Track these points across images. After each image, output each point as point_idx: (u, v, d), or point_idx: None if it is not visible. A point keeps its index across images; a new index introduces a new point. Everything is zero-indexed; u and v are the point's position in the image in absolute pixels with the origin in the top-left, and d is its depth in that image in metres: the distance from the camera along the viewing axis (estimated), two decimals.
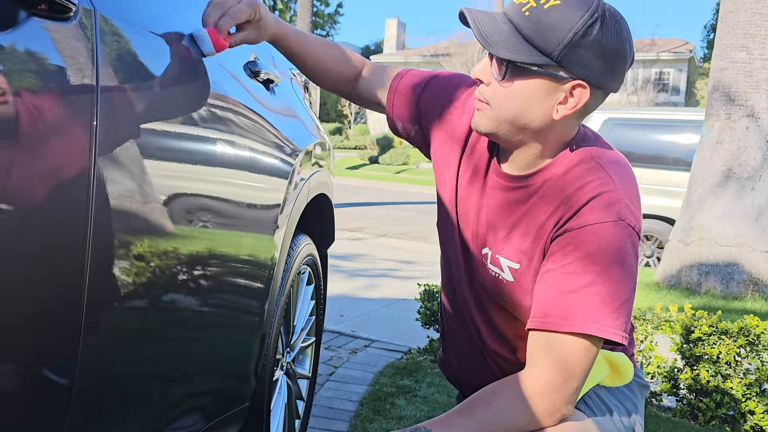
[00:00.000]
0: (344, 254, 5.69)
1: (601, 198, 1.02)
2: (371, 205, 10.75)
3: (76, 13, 0.72)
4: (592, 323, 0.99)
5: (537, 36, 0.97)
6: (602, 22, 0.96)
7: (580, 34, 0.96)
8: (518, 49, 0.97)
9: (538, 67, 0.98)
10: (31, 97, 0.66)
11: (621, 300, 1.01)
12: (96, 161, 0.76)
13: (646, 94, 25.65)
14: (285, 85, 1.75)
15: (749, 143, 4.88)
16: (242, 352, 1.36)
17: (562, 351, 1.02)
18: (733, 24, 4.91)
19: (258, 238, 1.36)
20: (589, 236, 1.01)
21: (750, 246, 4.86)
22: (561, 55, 0.96)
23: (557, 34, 0.96)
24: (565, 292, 1.01)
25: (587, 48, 0.96)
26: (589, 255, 1.00)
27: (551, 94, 1.00)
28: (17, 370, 0.71)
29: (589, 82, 0.99)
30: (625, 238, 1.01)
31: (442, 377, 2.63)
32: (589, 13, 0.96)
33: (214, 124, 1.13)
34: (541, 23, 0.96)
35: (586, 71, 0.98)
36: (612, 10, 0.99)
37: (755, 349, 2.32)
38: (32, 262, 0.69)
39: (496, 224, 1.13)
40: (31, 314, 0.70)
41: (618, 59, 0.99)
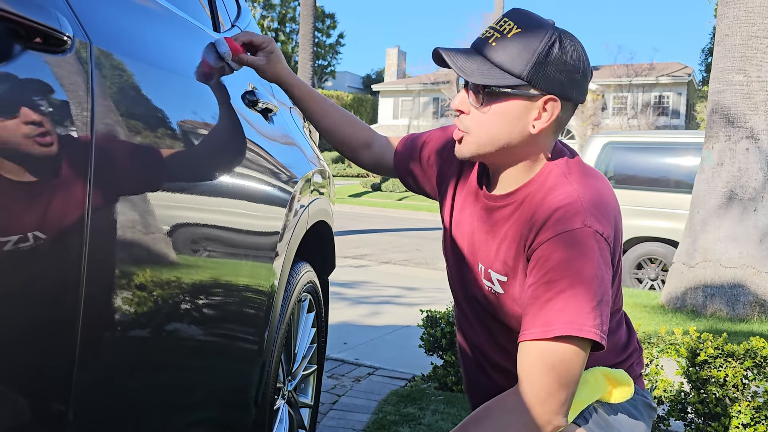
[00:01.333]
0: (347, 281, 5.68)
1: (565, 209, 1.09)
2: (374, 232, 10.75)
3: (71, 46, 0.73)
4: (572, 325, 1.04)
5: (506, 61, 1.08)
6: (560, 42, 1.09)
7: (544, 54, 1.08)
8: (492, 75, 1.09)
9: (511, 88, 1.09)
10: (26, 129, 0.66)
11: (596, 300, 1.06)
12: (92, 192, 0.77)
13: (646, 117, 25.77)
14: (284, 114, 1.77)
15: (750, 164, 4.88)
16: (242, 381, 1.35)
17: (549, 359, 1.06)
18: (730, 47, 4.95)
19: (257, 266, 1.36)
20: (558, 245, 1.08)
21: (755, 267, 4.83)
22: (530, 74, 1.08)
23: (524, 56, 1.08)
24: (544, 301, 1.07)
25: (551, 65, 1.08)
26: (561, 262, 1.07)
27: (526, 112, 1.11)
28: (13, 398, 0.70)
29: (557, 95, 1.10)
30: (591, 243, 1.08)
31: (446, 405, 2.60)
32: (547, 35, 1.09)
33: (212, 154, 1.14)
34: (507, 50, 1.09)
35: (553, 86, 1.09)
36: (566, 32, 1.12)
37: (762, 372, 2.29)
38: (27, 295, 0.69)
39: (487, 241, 1.21)
40: (27, 341, 0.70)
41: (578, 72, 1.11)
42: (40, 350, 0.73)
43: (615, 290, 1.22)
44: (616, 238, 1.14)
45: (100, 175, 0.79)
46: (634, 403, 1.27)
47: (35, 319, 0.71)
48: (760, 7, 4.85)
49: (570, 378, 1.07)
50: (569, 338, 1.05)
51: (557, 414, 1.07)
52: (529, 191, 1.15)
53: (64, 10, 0.74)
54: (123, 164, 0.85)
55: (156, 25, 1.07)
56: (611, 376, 1.22)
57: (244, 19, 1.74)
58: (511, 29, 1.09)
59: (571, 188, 1.12)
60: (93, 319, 0.80)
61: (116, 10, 0.91)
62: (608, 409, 1.21)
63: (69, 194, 0.74)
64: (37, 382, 0.74)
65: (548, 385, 1.06)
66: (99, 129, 0.78)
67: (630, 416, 1.23)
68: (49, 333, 0.74)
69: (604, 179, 1.19)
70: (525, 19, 1.10)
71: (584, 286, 1.05)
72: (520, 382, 1.09)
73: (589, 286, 1.06)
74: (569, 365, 1.06)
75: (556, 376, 1.06)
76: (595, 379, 1.21)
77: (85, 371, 0.80)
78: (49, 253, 0.72)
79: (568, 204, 1.10)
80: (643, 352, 1.40)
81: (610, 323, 1.27)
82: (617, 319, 1.31)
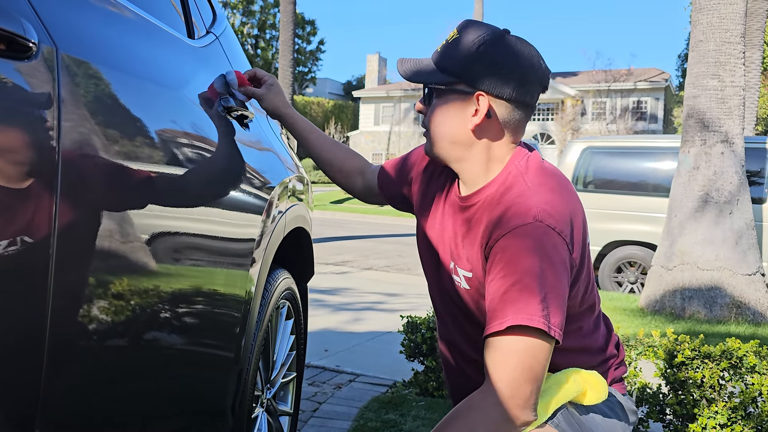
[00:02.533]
0: (329, 288, 5.66)
1: (517, 206, 1.15)
2: (355, 238, 10.73)
3: (36, 52, 0.72)
4: (522, 314, 1.07)
5: (443, 61, 1.21)
6: (494, 43, 1.17)
7: (473, 52, 1.17)
8: (429, 74, 1.22)
9: (445, 85, 1.21)
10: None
11: (544, 292, 1.09)
12: (59, 199, 0.76)
13: (624, 122, 26.05)
14: (260, 121, 1.76)
15: (725, 168, 4.96)
16: (218, 389, 1.34)
17: (507, 352, 1.09)
18: (704, 53, 5.03)
19: (233, 273, 1.35)
20: (510, 241, 1.12)
21: (731, 269, 4.90)
22: (460, 71, 1.18)
23: (456, 55, 1.19)
24: (500, 296, 1.11)
25: (480, 63, 1.17)
26: (513, 256, 1.11)
27: (463, 109, 1.20)
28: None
29: (488, 92, 1.18)
30: (542, 237, 1.11)
31: (427, 410, 2.60)
32: (480, 36, 1.18)
33: (186, 161, 1.13)
34: (446, 51, 1.21)
35: (483, 83, 1.17)
36: (507, 36, 1.20)
37: (738, 372, 2.32)
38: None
39: (455, 239, 1.28)
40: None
41: (515, 71, 1.17)
42: (6, 359, 0.72)
43: (584, 289, 1.23)
44: (574, 234, 1.16)
45: (67, 182, 0.78)
46: (610, 404, 1.28)
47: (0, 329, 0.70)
48: (733, 13, 4.94)
49: (533, 372, 1.09)
50: (525, 330, 1.08)
51: (524, 408, 1.09)
52: (489, 191, 1.22)
53: (29, 15, 0.73)
54: (91, 171, 0.84)
55: (127, 31, 1.06)
56: (585, 378, 1.23)
57: (220, 25, 1.73)
58: (453, 36, 1.21)
59: (525, 187, 1.17)
60: (62, 328, 0.79)
61: (85, 16, 0.90)
62: (581, 410, 1.23)
63: (35, 204, 0.73)
64: (3, 392, 0.72)
65: (512, 379, 1.08)
66: (66, 137, 0.77)
67: (605, 416, 1.24)
68: (16, 342, 0.73)
69: (562, 178, 1.24)
70: (468, 26, 1.21)
71: (533, 279, 1.09)
72: (486, 378, 1.12)
73: (537, 278, 1.09)
74: (530, 358, 1.08)
75: (518, 369, 1.08)
76: (567, 379, 1.22)
77: (54, 381, 0.79)
78: (14, 264, 0.70)
79: (521, 201, 1.15)
80: (623, 356, 1.41)
81: (585, 324, 1.28)
82: (593, 321, 1.31)
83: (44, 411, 0.78)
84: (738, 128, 4.98)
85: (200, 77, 1.35)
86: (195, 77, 1.32)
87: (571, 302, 1.20)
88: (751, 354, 2.32)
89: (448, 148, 1.24)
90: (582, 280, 1.22)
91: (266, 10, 38.29)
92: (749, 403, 2.27)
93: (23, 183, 0.71)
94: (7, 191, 0.69)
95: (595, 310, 1.32)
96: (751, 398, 2.26)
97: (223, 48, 1.65)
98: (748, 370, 2.31)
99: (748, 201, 5.02)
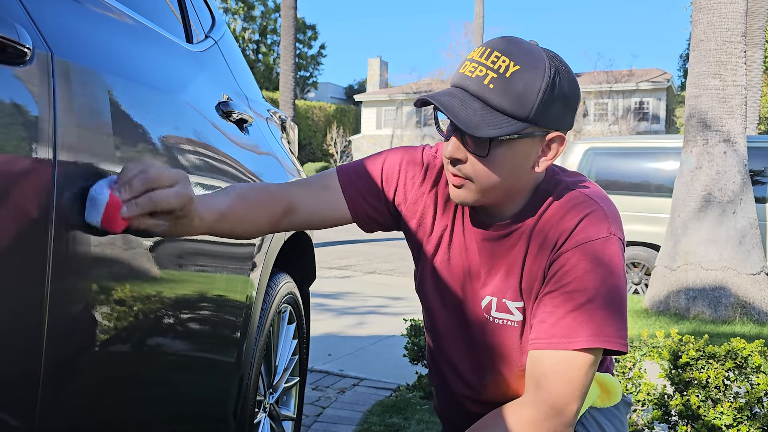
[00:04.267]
0: (332, 292, 5.65)
1: (590, 218, 1.05)
2: (358, 242, 10.73)
3: (31, 57, 0.72)
4: (599, 337, 1.01)
5: (509, 105, 0.98)
6: (558, 74, 1.00)
7: (548, 92, 0.99)
8: (497, 124, 0.98)
9: (518, 134, 1.00)
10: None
11: (621, 310, 1.04)
12: (56, 207, 0.75)
13: (627, 123, 26.03)
14: (260, 125, 1.76)
15: (728, 168, 4.94)
16: (219, 394, 1.33)
17: (568, 369, 1.02)
18: (705, 52, 5.02)
19: (233, 278, 1.35)
20: (584, 254, 1.03)
21: (735, 269, 4.88)
22: (535, 115, 0.99)
23: (529, 98, 0.98)
24: (568, 311, 1.02)
25: (556, 101, 1.00)
26: (587, 272, 1.02)
27: (532, 152, 1.04)
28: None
29: (561, 129, 1.04)
30: (617, 252, 1.05)
31: (431, 414, 2.59)
32: (548, 71, 0.99)
33: (185, 165, 1.12)
34: (509, 92, 0.98)
35: (558, 122, 1.02)
36: (558, 57, 1.03)
37: (743, 372, 2.31)
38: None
39: (491, 272, 1.13)
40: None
41: (576, 99, 1.05)
42: (5, 365, 0.71)
43: None
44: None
45: (64, 188, 0.77)
46: (620, 405, 1.28)
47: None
48: (734, 12, 4.93)
49: (585, 389, 1.03)
50: (590, 349, 1.02)
51: (568, 426, 1.03)
52: (535, 214, 1.09)
53: (23, 20, 0.73)
54: (88, 175, 0.83)
55: (124, 36, 1.05)
56: (601, 380, 1.22)
57: (218, 30, 1.73)
58: (507, 67, 0.98)
59: (587, 198, 1.07)
60: (62, 333, 0.79)
61: (80, 21, 0.90)
62: (598, 414, 1.22)
63: (32, 211, 0.72)
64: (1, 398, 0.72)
65: (565, 395, 1.02)
66: (62, 142, 0.76)
67: (615, 417, 1.25)
68: (13, 347, 0.72)
69: (601, 189, 1.15)
70: (518, 52, 0.99)
71: (611, 297, 1.02)
72: (534, 391, 1.04)
73: (616, 297, 1.03)
74: (585, 376, 1.02)
75: (572, 386, 1.02)
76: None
77: (55, 386, 0.78)
78: (11, 269, 0.70)
79: (591, 213, 1.05)
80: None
81: None
82: None
83: (43, 417, 0.77)
84: (740, 127, 4.96)
85: (199, 81, 1.35)
86: (193, 82, 1.32)
87: None
88: (756, 354, 2.30)
89: (499, 195, 1.06)
90: None
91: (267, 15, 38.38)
92: (755, 404, 2.25)
93: (19, 189, 0.71)
94: (3, 198, 0.69)
95: None
96: (756, 398, 2.24)
97: (222, 52, 1.65)
98: (753, 370, 2.29)
99: (751, 200, 5.00)
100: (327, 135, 30.60)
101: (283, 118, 2.14)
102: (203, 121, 1.28)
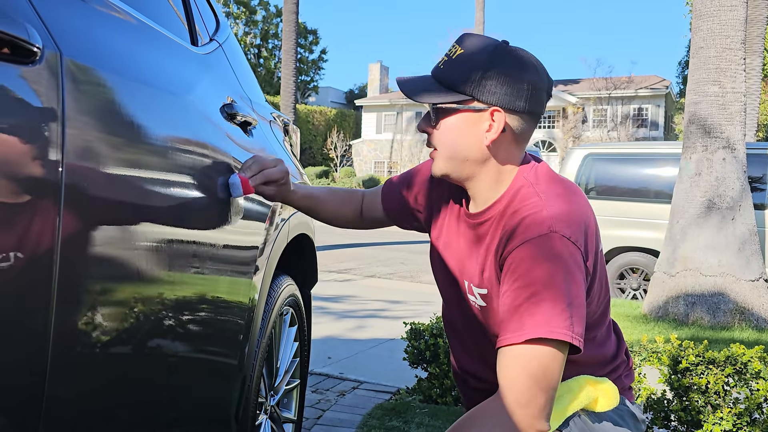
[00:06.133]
0: (332, 296, 5.65)
1: (531, 217, 1.14)
2: (359, 246, 10.73)
3: (41, 56, 0.72)
4: (542, 327, 1.07)
5: (452, 80, 1.17)
6: (501, 55, 1.15)
7: (484, 69, 1.14)
8: (438, 94, 1.17)
9: (457, 104, 1.17)
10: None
11: (565, 303, 1.08)
12: (63, 207, 0.76)
13: (626, 129, 26.07)
14: (264, 128, 1.77)
15: (727, 174, 4.95)
16: (221, 396, 1.33)
17: (524, 363, 1.08)
18: (705, 59, 5.04)
19: (236, 280, 1.35)
20: (526, 252, 1.11)
21: (734, 275, 4.88)
22: (472, 88, 1.15)
23: (465, 71, 1.15)
24: (515, 307, 1.10)
25: (492, 78, 1.14)
26: (530, 268, 1.10)
27: (476, 125, 1.17)
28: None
29: (502, 107, 1.15)
30: (560, 247, 1.11)
31: (431, 417, 2.59)
32: (488, 52, 1.15)
33: (189, 167, 1.13)
34: (453, 69, 1.17)
35: (496, 97, 1.15)
36: (513, 48, 1.18)
37: (743, 378, 2.31)
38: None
39: (471, 258, 1.26)
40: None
41: (523, 83, 1.15)
42: (9, 367, 0.72)
43: (597, 297, 1.23)
44: (587, 242, 1.16)
45: (71, 188, 0.78)
46: (620, 413, 1.27)
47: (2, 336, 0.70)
48: (733, 20, 4.95)
49: (548, 381, 1.08)
50: (543, 341, 1.07)
51: (538, 418, 1.08)
52: (501, 205, 1.21)
53: (33, 20, 0.73)
54: (95, 177, 0.84)
55: (131, 37, 1.06)
56: (597, 385, 1.23)
57: (223, 33, 1.74)
58: (456, 51, 1.17)
59: (537, 198, 1.16)
60: (65, 335, 0.79)
61: (89, 22, 0.90)
62: (593, 417, 1.22)
63: (39, 211, 0.73)
64: (6, 400, 0.72)
65: (527, 389, 1.07)
66: (71, 141, 0.77)
67: (615, 424, 1.24)
68: (19, 349, 0.73)
69: (573, 186, 1.23)
70: (470, 40, 1.18)
71: (553, 290, 1.08)
72: (500, 388, 1.10)
73: (558, 289, 1.08)
74: (546, 368, 1.08)
75: (533, 379, 1.07)
76: (580, 387, 1.22)
77: (58, 388, 0.79)
78: (17, 271, 0.70)
79: (535, 212, 1.14)
80: (632, 363, 1.41)
81: (598, 333, 1.28)
82: (605, 329, 1.31)
83: (47, 419, 0.78)
84: (739, 134, 4.98)
85: (203, 84, 1.36)
86: (198, 84, 1.32)
87: (587, 311, 1.19)
88: (756, 360, 2.31)
89: (460, 168, 1.20)
90: (595, 289, 1.21)
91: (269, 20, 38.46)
92: (754, 409, 2.25)
93: (27, 189, 0.71)
94: (11, 197, 0.69)
95: (607, 317, 1.32)
96: (756, 404, 2.25)
97: (226, 55, 1.66)
98: (752, 376, 2.30)
99: (750, 207, 5.01)
100: (327, 139, 30.62)
101: (286, 121, 2.14)
102: (208, 122, 1.28)
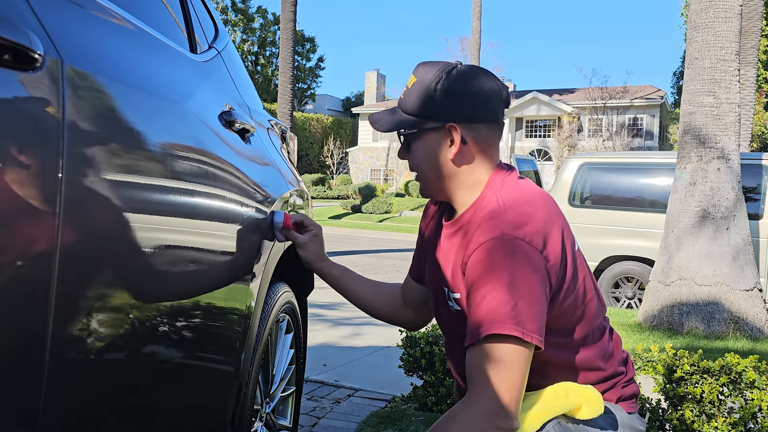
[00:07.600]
0: (328, 303, 5.65)
1: (487, 223, 1.20)
2: (354, 253, 10.72)
3: (42, 63, 0.73)
4: (494, 324, 1.11)
5: (408, 106, 1.28)
6: (447, 75, 1.25)
7: (431, 89, 1.25)
8: (398, 121, 1.30)
9: (417, 127, 1.27)
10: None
11: (516, 299, 1.12)
12: (62, 214, 0.76)
13: (621, 139, 26.17)
14: (261, 135, 1.77)
15: (722, 184, 4.98)
16: (218, 403, 1.33)
17: (483, 361, 1.12)
18: (700, 70, 5.07)
19: (233, 288, 1.35)
20: (479, 255, 1.17)
21: (729, 285, 4.90)
22: (423, 109, 1.26)
23: (419, 97, 1.26)
24: (473, 308, 1.16)
25: (439, 96, 1.24)
26: (484, 270, 1.16)
27: (439, 143, 1.27)
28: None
29: (455, 121, 1.25)
30: (511, 248, 1.15)
31: (426, 425, 2.58)
32: (435, 74, 1.25)
33: (187, 174, 1.13)
34: (409, 97, 1.28)
35: (447, 113, 1.25)
36: (458, 66, 1.27)
37: (738, 387, 2.32)
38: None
39: (446, 265, 1.33)
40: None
41: (473, 96, 1.24)
42: (7, 371, 0.72)
43: (573, 298, 1.23)
44: (548, 242, 1.18)
45: (70, 194, 0.78)
46: (607, 420, 1.27)
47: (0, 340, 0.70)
48: (728, 31, 4.99)
49: (511, 379, 1.11)
50: (499, 338, 1.11)
51: (504, 417, 1.11)
52: (470, 213, 1.28)
53: (34, 27, 0.74)
54: (95, 183, 0.84)
55: (131, 45, 1.07)
56: (580, 392, 1.23)
57: (222, 40, 1.75)
58: (411, 81, 1.28)
59: (497, 204, 1.22)
60: (62, 340, 0.79)
61: (90, 29, 0.91)
62: (574, 424, 1.22)
63: (38, 217, 0.73)
64: (4, 404, 0.72)
65: (489, 388, 1.11)
66: (71, 149, 0.77)
67: (602, 429, 1.24)
68: (17, 353, 0.73)
69: (537, 190, 1.28)
70: (422, 68, 1.28)
71: (503, 288, 1.13)
72: (467, 390, 1.14)
73: (508, 287, 1.13)
74: (507, 366, 1.11)
75: (495, 378, 1.11)
76: (561, 392, 1.22)
77: (53, 394, 0.79)
78: (16, 277, 0.71)
79: (490, 217, 1.20)
80: (633, 374, 1.40)
81: (581, 336, 1.28)
82: (592, 334, 1.30)
83: (43, 424, 0.78)
84: (734, 144, 5.01)
85: (202, 91, 1.36)
86: (197, 91, 1.33)
87: (560, 311, 1.21)
88: (751, 369, 2.32)
89: (437, 184, 1.30)
90: (570, 290, 1.22)
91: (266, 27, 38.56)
92: (749, 419, 2.26)
93: (27, 195, 0.71)
94: (11, 203, 0.69)
95: (592, 323, 1.30)
96: (750, 414, 2.25)
97: (225, 63, 1.66)
98: (747, 386, 2.30)
99: (744, 217, 5.03)
100: (324, 147, 30.65)
101: (284, 128, 2.15)
102: (207, 129, 1.29)
